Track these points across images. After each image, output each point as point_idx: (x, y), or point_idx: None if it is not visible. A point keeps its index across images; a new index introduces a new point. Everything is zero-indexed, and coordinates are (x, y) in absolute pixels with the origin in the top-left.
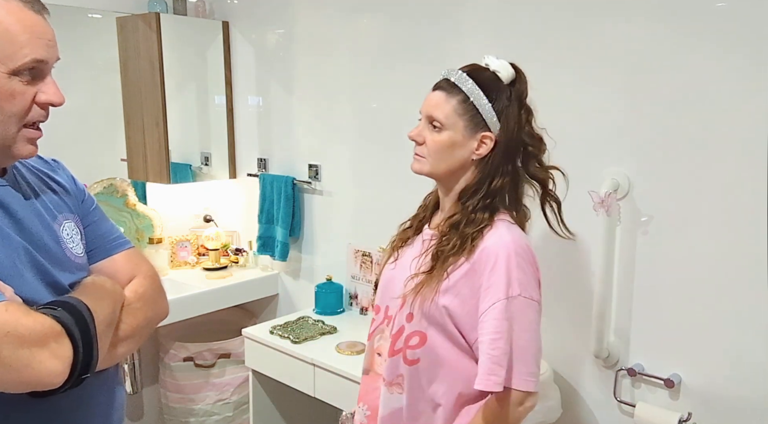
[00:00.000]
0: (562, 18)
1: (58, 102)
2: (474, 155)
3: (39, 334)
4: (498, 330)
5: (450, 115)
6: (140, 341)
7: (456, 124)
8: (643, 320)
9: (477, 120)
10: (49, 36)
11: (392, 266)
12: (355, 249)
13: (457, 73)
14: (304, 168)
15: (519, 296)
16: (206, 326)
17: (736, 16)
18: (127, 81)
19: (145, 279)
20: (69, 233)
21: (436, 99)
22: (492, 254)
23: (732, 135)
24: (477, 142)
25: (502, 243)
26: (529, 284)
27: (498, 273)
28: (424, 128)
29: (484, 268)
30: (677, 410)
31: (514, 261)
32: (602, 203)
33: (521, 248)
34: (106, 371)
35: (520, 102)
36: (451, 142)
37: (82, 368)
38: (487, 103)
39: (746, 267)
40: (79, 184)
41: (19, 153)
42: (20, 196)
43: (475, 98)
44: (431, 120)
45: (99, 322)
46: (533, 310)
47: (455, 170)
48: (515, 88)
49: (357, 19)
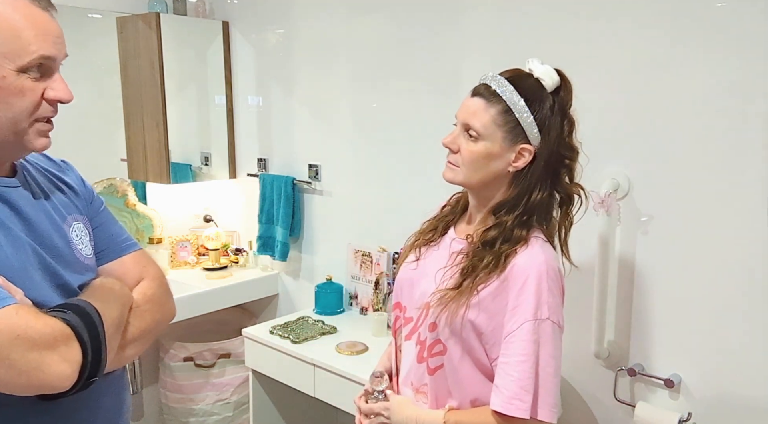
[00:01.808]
0: (562, 19)
1: (67, 99)
2: (511, 167)
3: (49, 337)
4: (525, 352)
5: (488, 126)
6: (148, 344)
7: (494, 135)
8: (643, 320)
9: (517, 131)
10: (56, 33)
11: (413, 265)
12: (355, 249)
13: (497, 80)
14: (304, 168)
15: (548, 319)
16: (206, 326)
17: (737, 16)
18: (127, 81)
19: (153, 281)
20: (78, 235)
21: (475, 106)
22: (523, 273)
23: (732, 135)
24: (515, 154)
25: (535, 263)
26: (557, 309)
27: (527, 293)
28: (459, 135)
29: (513, 286)
30: (677, 410)
31: (546, 283)
32: (602, 203)
33: (553, 270)
34: (113, 373)
35: (563, 112)
36: (487, 153)
37: (91, 371)
38: (529, 114)
39: (746, 267)
40: (88, 185)
41: (33, 146)
42: (30, 197)
43: (516, 109)
44: (467, 128)
45: (108, 325)
46: (559, 337)
47: (489, 182)
48: (559, 97)
49: (357, 19)
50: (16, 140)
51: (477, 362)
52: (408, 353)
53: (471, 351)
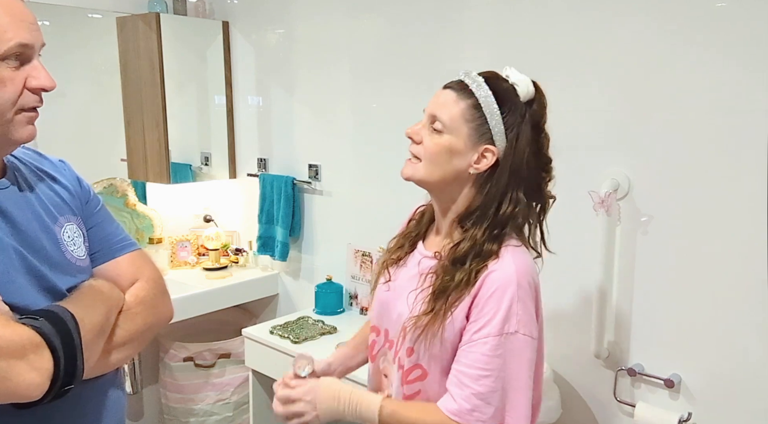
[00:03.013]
0: (562, 19)
1: (50, 86)
2: (472, 168)
3: (17, 345)
4: (488, 367)
5: (455, 119)
6: (140, 347)
7: (459, 130)
8: (643, 320)
9: (483, 130)
10: (30, 19)
11: (386, 287)
12: (355, 249)
13: (472, 76)
14: (304, 168)
15: (517, 332)
16: (206, 326)
17: (737, 16)
18: (127, 81)
19: (147, 283)
20: (70, 236)
21: (445, 98)
22: (492, 284)
23: (732, 135)
24: (477, 154)
25: (505, 274)
26: (529, 321)
27: (495, 303)
28: (424, 127)
29: (481, 297)
30: (677, 410)
31: (516, 294)
32: (602, 203)
33: (526, 280)
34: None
35: (535, 125)
36: (450, 147)
37: (65, 379)
38: (498, 114)
39: (746, 267)
40: (85, 185)
41: (19, 137)
42: (19, 197)
43: (486, 106)
44: (433, 120)
45: (87, 331)
46: (531, 348)
47: (449, 181)
48: (532, 110)
49: (357, 19)
50: (1, 133)
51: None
52: (395, 379)
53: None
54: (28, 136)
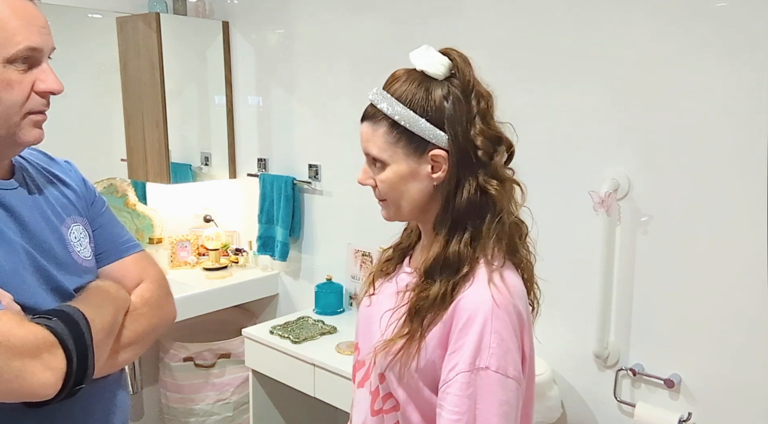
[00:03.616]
0: (562, 19)
1: (58, 90)
2: (434, 180)
3: (31, 345)
4: (458, 409)
5: (385, 148)
6: (145, 347)
7: (395, 156)
8: (643, 320)
9: (416, 142)
10: (41, 22)
11: (368, 302)
12: (355, 249)
13: (376, 94)
14: (304, 168)
15: (487, 369)
16: (206, 326)
17: (737, 16)
18: (127, 81)
19: (152, 283)
20: (77, 236)
21: (365, 132)
22: (464, 312)
23: (732, 135)
24: (430, 165)
25: (479, 301)
26: (504, 356)
27: (466, 337)
28: (368, 169)
29: (454, 328)
30: (677, 410)
31: (489, 326)
32: (602, 203)
33: (504, 307)
34: (108, 377)
35: (465, 94)
36: (398, 177)
37: (77, 378)
38: (418, 118)
39: (746, 267)
40: (90, 186)
41: (26, 139)
42: (27, 198)
43: (402, 119)
44: (369, 158)
45: (97, 330)
46: (507, 389)
47: (423, 205)
48: (453, 82)
49: (357, 19)
50: (8, 135)
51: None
52: (361, 403)
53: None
54: (35, 139)
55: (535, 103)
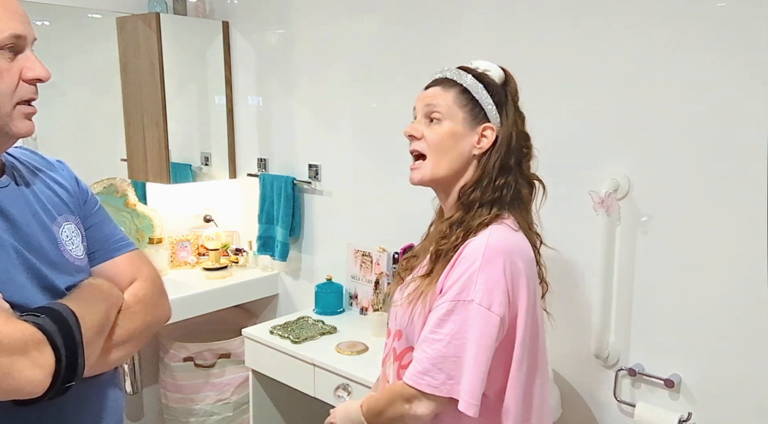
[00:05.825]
0: (561, 20)
1: (45, 77)
2: (476, 149)
3: (19, 342)
4: (439, 331)
5: (450, 105)
6: (138, 346)
7: (456, 116)
8: (643, 320)
9: (477, 111)
10: (22, 12)
11: (399, 293)
12: (355, 249)
13: (450, 70)
14: (304, 168)
15: (472, 301)
16: (206, 326)
17: (736, 17)
18: (127, 81)
19: (145, 282)
20: (69, 235)
21: (433, 92)
22: (464, 253)
23: (732, 135)
24: (478, 135)
25: (477, 244)
26: (490, 293)
27: (458, 271)
28: (419, 124)
29: (455, 265)
30: (677, 410)
31: (481, 265)
32: (602, 203)
33: (500, 255)
34: (101, 376)
35: (515, 103)
36: (452, 132)
37: (66, 376)
38: (486, 94)
39: (746, 267)
40: (83, 185)
41: (17, 131)
42: (18, 196)
43: (472, 89)
44: (429, 113)
45: (87, 328)
46: (489, 323)
47: (458, 168)
48: (509, 87)
49: (357, 19)
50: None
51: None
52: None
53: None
54: (27, 131)
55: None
